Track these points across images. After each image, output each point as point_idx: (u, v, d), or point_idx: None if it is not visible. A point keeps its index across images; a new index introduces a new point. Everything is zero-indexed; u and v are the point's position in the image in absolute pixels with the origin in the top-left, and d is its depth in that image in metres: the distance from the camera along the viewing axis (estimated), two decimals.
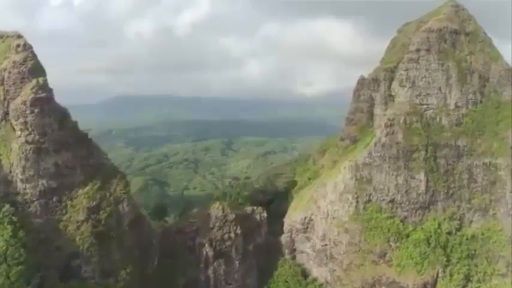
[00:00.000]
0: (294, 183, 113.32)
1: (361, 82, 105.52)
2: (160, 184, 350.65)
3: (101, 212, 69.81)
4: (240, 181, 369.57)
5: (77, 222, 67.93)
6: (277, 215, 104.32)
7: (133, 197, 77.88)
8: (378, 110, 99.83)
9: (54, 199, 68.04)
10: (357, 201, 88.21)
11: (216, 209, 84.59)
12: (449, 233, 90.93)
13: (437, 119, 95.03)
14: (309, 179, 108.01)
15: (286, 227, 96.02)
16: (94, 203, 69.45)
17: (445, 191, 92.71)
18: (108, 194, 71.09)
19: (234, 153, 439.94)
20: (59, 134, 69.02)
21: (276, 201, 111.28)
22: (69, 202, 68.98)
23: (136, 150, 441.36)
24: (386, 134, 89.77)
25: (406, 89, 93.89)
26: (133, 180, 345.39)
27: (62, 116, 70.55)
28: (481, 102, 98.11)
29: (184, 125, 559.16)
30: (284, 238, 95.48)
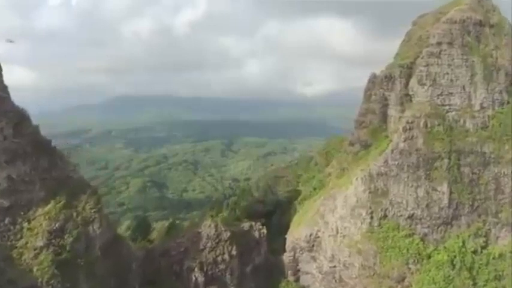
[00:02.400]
0: (296, 193, 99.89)
1: (373, 80, 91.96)
2: (159, 186, 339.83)
3: (66, 236, 56.06)
4: (240, 183, 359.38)
5: (35, 249, 54.29)
6: (278, 229, 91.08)
7: (107, 216, 64.11)
8: (392, 112, 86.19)
9: (7, 221, 54.19)
10: (371, 217, 74.65)
11: (207, 227, 71.03)
12: (474, 252, 77.89)
13: (461, 122, 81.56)
14: (314, 188, 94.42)
15: (288, 245, 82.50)
16: (57, 225, 55.73)
17: (470, 203, 79.43)
18: (75, 214, 57.31)
19: (234, 154, 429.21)
20: (14, 142, 55.24)
21: (277, 212, 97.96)
22: (25, 224, 55.26)
23: (135, 151, 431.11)
24: (405, 139, 76.24)
25: (426, 88, 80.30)
26: (131, 182, 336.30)
27: (18, 119, 56.81)
28: (508, 102, 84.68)
29: (184, 126, 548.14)
30: (286, 257, 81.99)
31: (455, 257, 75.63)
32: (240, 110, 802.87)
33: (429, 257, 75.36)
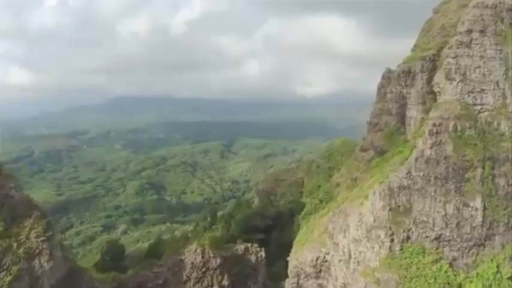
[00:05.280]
0: (299, 205, 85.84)
1: (388, 76, 78.31)
2: (157, 188, 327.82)
3: (3, 274, 42.19)
4: (239, 185, 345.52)
5: None
6: (279, 248, 77.26)
7: (61, 245, 49.96)
8: (412, 112, 72.33)
9: None
10: (392, 240, 60.40)
11: (192, 253, 56.88)
12: (510, 278, 64.02)
13: (495, 124, 67.36)
14: (321, 201, 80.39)
15: (291, 269, 68.32)
16: None
17: (505, 221, 65.32)
18: (15, 245, 43.31)
19: (234, 155, 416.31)
20: None
21: (277, 227, 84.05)
22: None
23: (134, 152, 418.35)
24: (432, 145, 62.02)
25: (455, 84, 66.06)
26: (129, 184, 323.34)
27: None
28: None
29: (183, 127, 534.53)
30: (289, 284, 67.71)
31: (490, 286, 61.81)
32: (239, 110, 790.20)
33: (460, 286, 61.34)
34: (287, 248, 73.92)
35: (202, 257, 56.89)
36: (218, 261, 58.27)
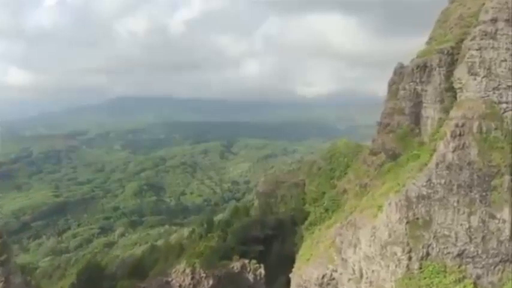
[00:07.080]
0: (303, 214, 77.57)
1: (400, 71, 70.23)
2: (156, 189, 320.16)
3: None
4: (239, 186, 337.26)
5: None
6: (280, 261, 69.15)
7: (20, 269, 41.84)
8: (429, 111, 64.20)
9: None
10: (409, 258, 52.18)
11: (180, 274, 48.69)
12: None
13: None
14: (326, 210, 72.08)
15: None
16: None
17: None
18: None
19: (234, 156, 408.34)
20: None
21: (278, 238, 75.83)
22: None
23: (133, 152, 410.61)
24: (454, 149, 53.77)
25: (479, 79, 57.80)
26: (127, 185, 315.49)
27: None
28: None
29: (183, 127, 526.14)
30: None
31: None
32: (239, 111, 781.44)
33: None
34: (289, 261, 65.91)
35: (192, 278, 48.81)
36: (211, 282, 50.22)
